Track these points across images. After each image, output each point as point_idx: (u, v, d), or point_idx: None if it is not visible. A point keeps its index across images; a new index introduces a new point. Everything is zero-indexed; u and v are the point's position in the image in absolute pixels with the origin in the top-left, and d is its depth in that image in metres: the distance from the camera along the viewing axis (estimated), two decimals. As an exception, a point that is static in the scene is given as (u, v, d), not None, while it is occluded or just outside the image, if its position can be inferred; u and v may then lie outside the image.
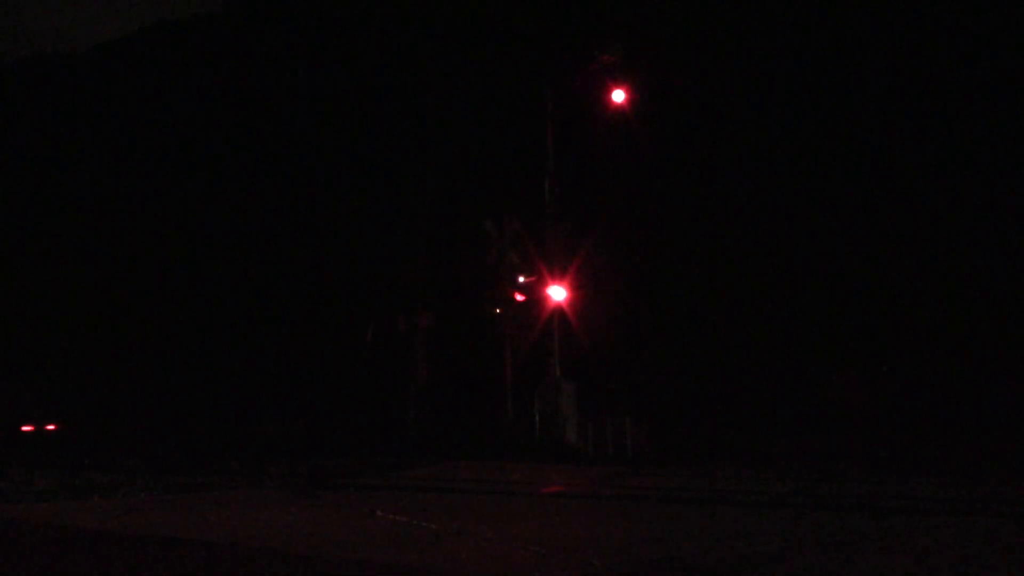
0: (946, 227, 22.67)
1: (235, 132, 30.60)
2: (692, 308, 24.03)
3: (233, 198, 29.96)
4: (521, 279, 18.91)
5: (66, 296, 32.17)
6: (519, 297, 18.78)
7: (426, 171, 23.90)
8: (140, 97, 33.53)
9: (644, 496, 9.32)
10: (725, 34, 24.48)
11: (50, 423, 27.77)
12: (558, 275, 17.12)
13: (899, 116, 23.19)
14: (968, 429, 19.17)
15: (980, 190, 22.47)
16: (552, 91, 18.01)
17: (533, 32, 24.25)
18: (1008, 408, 19.70)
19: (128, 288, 31.16)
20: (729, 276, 23.99)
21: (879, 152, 23.43)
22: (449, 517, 7.47)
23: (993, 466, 12.55)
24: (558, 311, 17.16)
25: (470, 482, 11.22)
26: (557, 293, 17.03)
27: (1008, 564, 5.33)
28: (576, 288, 17.52)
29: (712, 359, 23.58)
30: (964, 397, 20.88)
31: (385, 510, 7.95)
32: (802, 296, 23.57)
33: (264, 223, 29.12)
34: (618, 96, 17.19)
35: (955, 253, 22.41)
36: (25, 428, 27.46)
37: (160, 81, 33.30)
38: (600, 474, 11.83)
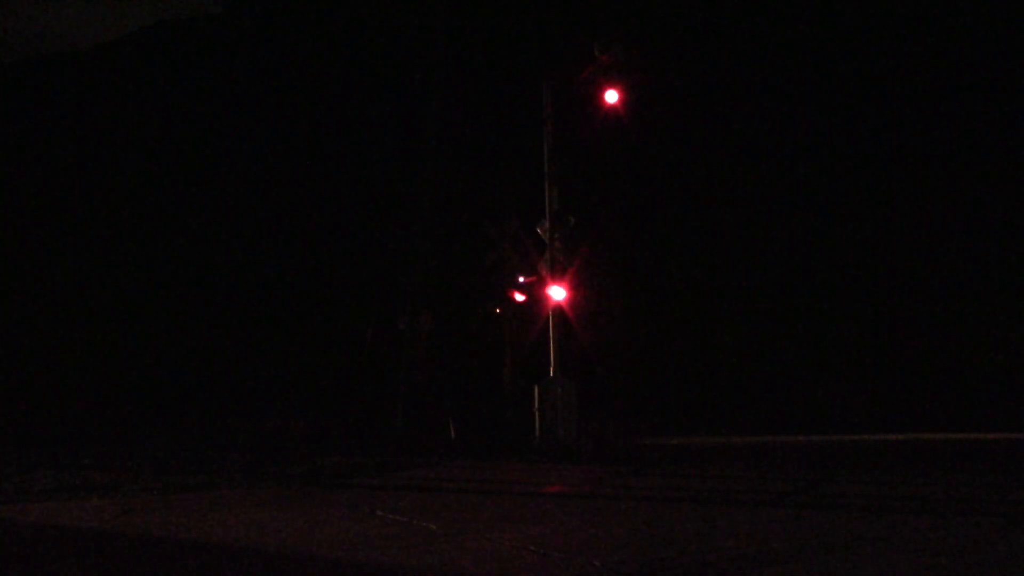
0: (944, 228, 22.67)
1: (235, 132, 30.58)
2: (692, 308, 24.02)
3: (234, 197, 29.94)
4: (521, 279, 18.88)
5: (66, 294, 32.16)
6: (519, 297, 18.75)
7: (426, 171, 23.89)
8: (140, 97, 33.51)
9: (644, 496, 9.31)
10: (725, 34, 24.46)
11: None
12: (558, 275, 17.11)
13: (893, 118, 23.18)
14: (968, 428, 19.16)
15: (978, 191, 22.47)
16: (551, 91, 17.98)
17: (532, 32, 24.25)
18: (1007, 407, 19.69)
19: (128, 286, 31.14)
20: (729, 276, 23.98)
21: (877, 154, 23.42)
22: (449, 517, 7.47)
23: (993, 465, 12.54)
24: (558, 311, 17.14)
25: (469, 482, 11.21)
26: (557, 293, 17.01)
27: (1009, 564, 5.32)
28: (576, 288, 17.50)
29: (712, 359, 23.57)
30: (963, 396, 20.89)
31: (385, 510, 7.94)
32: (802, 296, 23.56)
33: (265, 222, 29.10)
34: (611, 96, 17.10)
35: (953, 254, 22.41)
36: None
37: (160, 81, 33.29)
38: (600, 474, 11.82)
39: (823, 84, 23.78)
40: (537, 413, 16.54)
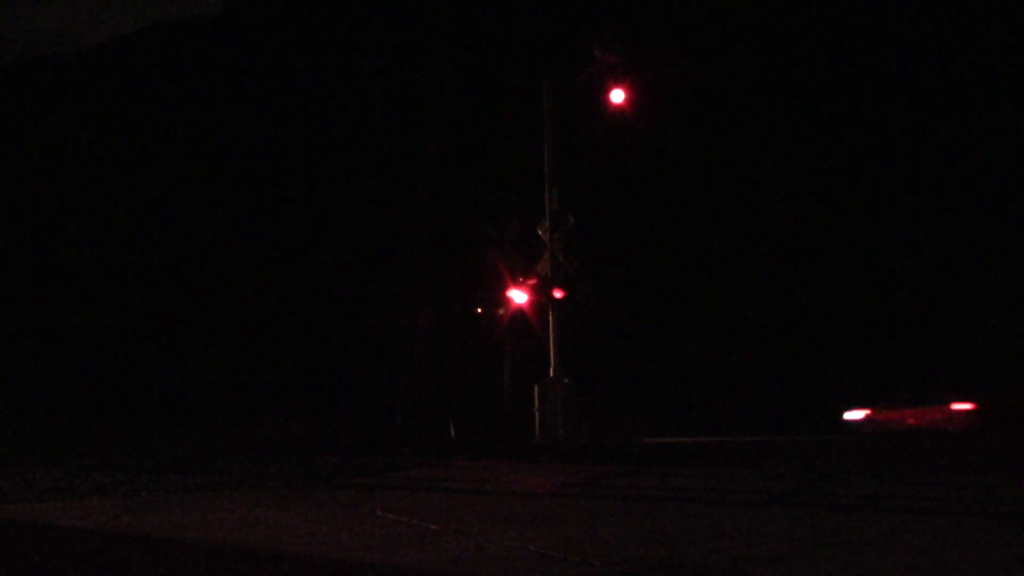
0: (940, 228, 22.69)
1: (235, 131, 30.60)
2: (693, 307, 24.03)
3: (234, 197, 29.96)
4: (521, 279, 18.91)
5: (66, 295, 32.16)
6: (519, 297, 18.78)
7: (427, 172, 23.91)
8: (140, 97, 33.52)
9: (644, 496, 9.32)
10: (726, 34, 24.47)
11: None
12: (558, 275, 17.11)
13: (896, 117, 23.18)
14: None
15: (975, 190, 22.49)
16: (551, 90, 17.99)
17: (533, 32, 24.26)
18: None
19: (128, 287, 31.16)
20: (730, 276, 23.99)
21: (875, 153, 23.44)
22: (449, 517, 7.47)
23: (994, 465, 12.54)
24: (556, 311, 17.15)
25: (470, 482, 11.21)
26: (557, 293, 17.03)
27: (1008, 564, 5.33)
28: (576, 288, 17.51)
29: (712, 359, 23.58)
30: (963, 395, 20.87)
31: (385, 510, 7.95)
32: (804, 296, 23.57)
33: (265, 223, 29.12)
34: (617, 96, 17.12)
35: (950, 251, 22.43)
36: None
37: (160, 81, 33.30)
38: (599, 474, 11.82)
39: (823, 85, 23.80)
40: (537, 413, 16.57)
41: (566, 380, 16.88)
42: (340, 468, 13.09)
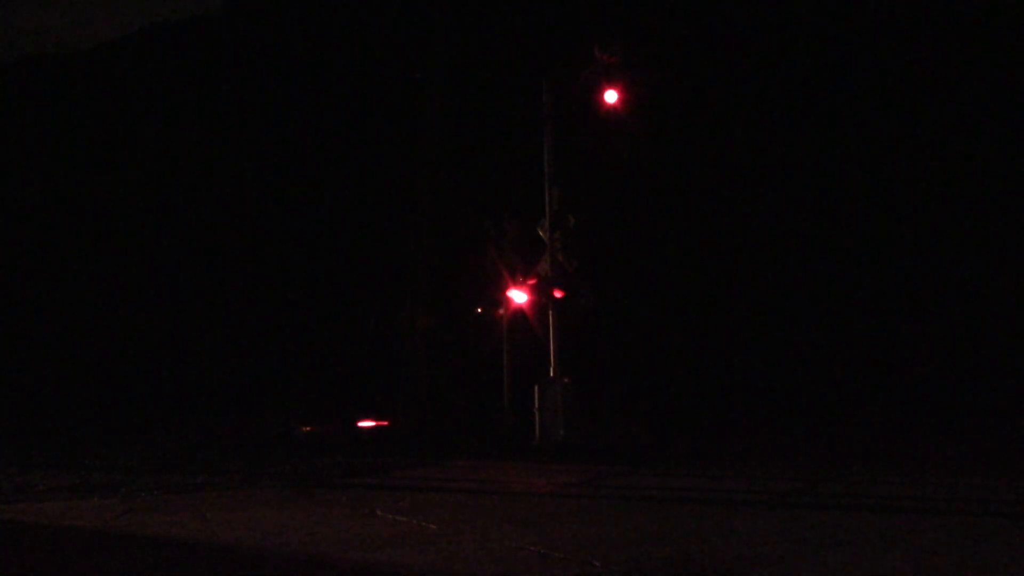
0: (943, 226, 22.71)
1: (235, 131, 30.61)
2: (692, 308, 24.05)
3: (233, 196, 29.98)
4: (521, 279, 18.88)
5: (66, 294, 32.19)
6: (519, 297, 18.75)
7: (426, 170, 23.91)
8: (140, 97, 33.54)
9: (644, 496, 9.33)
10: (726, 33, 24.49)
11: None
12: (558, 275, 17.10)
13: (894, 117, 23.20)
14: (969, 428, 19.16)
15: (977, 190, 22.52)
16: (551, 90, 17.97)
17: (532, 30, 24.27)
18: (1010, 406, 19.72)
19: (127, 286, 31.18)
20: (729, 276, 24.01)
21: (877, 152, 23.44)
22: (449, 517, 7.48)
23: (994, 466, 12.55)
24: (556, 311, 17.15)
25: (470, 482, 11.23)
26: (556, 293, 17.02)
27: (1010, 564, 5.33)
28: (576, 288, 17.49)
29: (712, 358, 23.60)
30: (965, 396, 20.92)
31: (385, 510, 7.96)
32: (801, 295, 23.59)
33: (264, 222, 29.13)
34: (611, 96, 17.08)
35: (953, 251, 22.45)
36: None
37: (160, 81, 33.31)
38: (599, 474, 11.82)
39: (825, 84, 23.82)
40: (537, 413, 16.55)
41: (566, 380, 16.86)
42: (340, 468, 13.10)
